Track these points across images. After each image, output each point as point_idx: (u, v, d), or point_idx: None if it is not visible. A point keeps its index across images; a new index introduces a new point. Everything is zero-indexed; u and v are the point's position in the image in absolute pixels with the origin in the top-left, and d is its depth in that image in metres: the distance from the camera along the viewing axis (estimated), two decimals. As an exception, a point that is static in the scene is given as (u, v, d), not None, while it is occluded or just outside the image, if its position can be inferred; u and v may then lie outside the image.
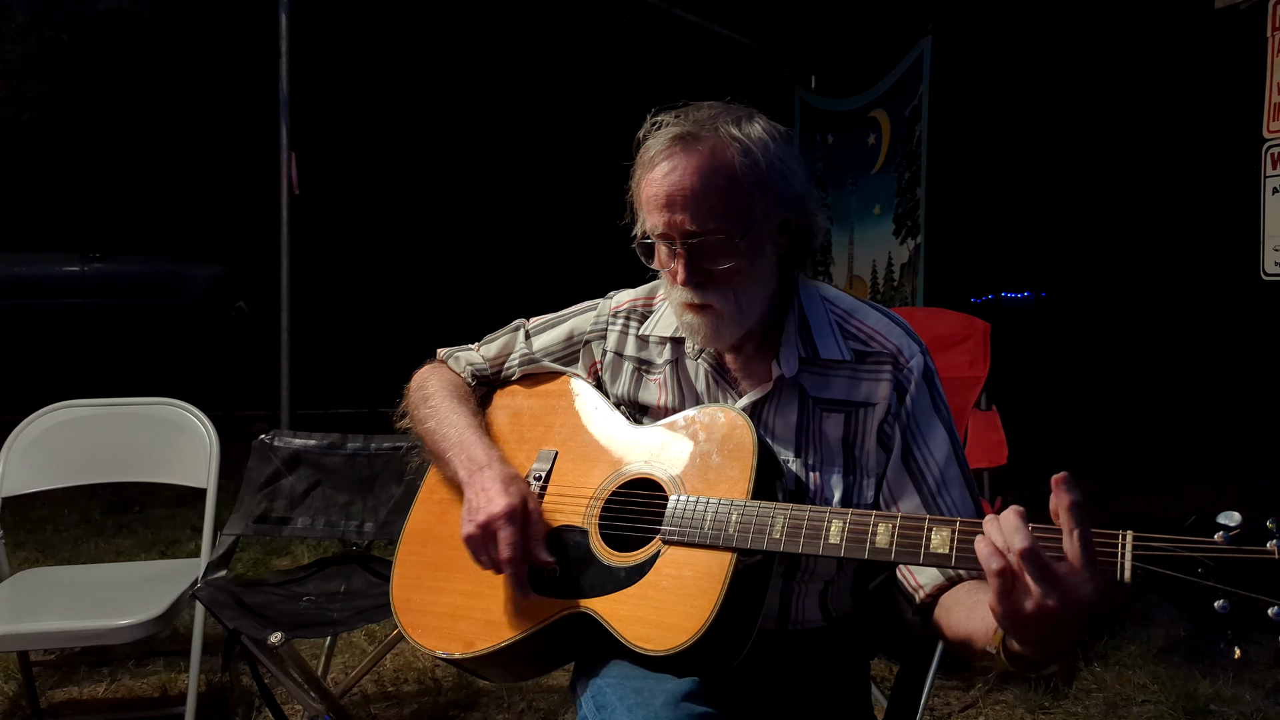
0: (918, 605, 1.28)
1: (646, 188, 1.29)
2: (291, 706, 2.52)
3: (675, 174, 1.25)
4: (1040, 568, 0.90)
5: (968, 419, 3.11)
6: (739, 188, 1.25)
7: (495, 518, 1.30)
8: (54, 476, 2.62)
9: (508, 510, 1.30)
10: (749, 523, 1.20)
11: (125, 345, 9.83)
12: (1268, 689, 2.73)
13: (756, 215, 1.27)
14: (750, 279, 1.29)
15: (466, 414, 1.51)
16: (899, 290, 4.94)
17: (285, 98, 4.30)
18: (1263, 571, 0.89)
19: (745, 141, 1.26)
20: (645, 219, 1.32)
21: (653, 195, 1.27)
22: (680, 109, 1.31)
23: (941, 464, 1.31)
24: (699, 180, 1.24)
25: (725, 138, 1.26)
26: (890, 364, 1.33)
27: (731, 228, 1.26)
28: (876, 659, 2.65)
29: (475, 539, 1.32)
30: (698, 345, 1.39)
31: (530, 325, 1.61)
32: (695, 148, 1.25)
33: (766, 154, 1.27)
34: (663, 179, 1.26)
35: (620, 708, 1.17)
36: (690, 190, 1.24)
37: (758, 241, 1.29)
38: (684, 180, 1.25)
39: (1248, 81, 2.94)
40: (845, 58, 5.43)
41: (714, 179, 1.25)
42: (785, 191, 1.30)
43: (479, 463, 1.39)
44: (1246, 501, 5.01)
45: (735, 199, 1.25)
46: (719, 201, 1.25)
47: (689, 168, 1.25)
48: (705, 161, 1.25)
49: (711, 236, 1.25)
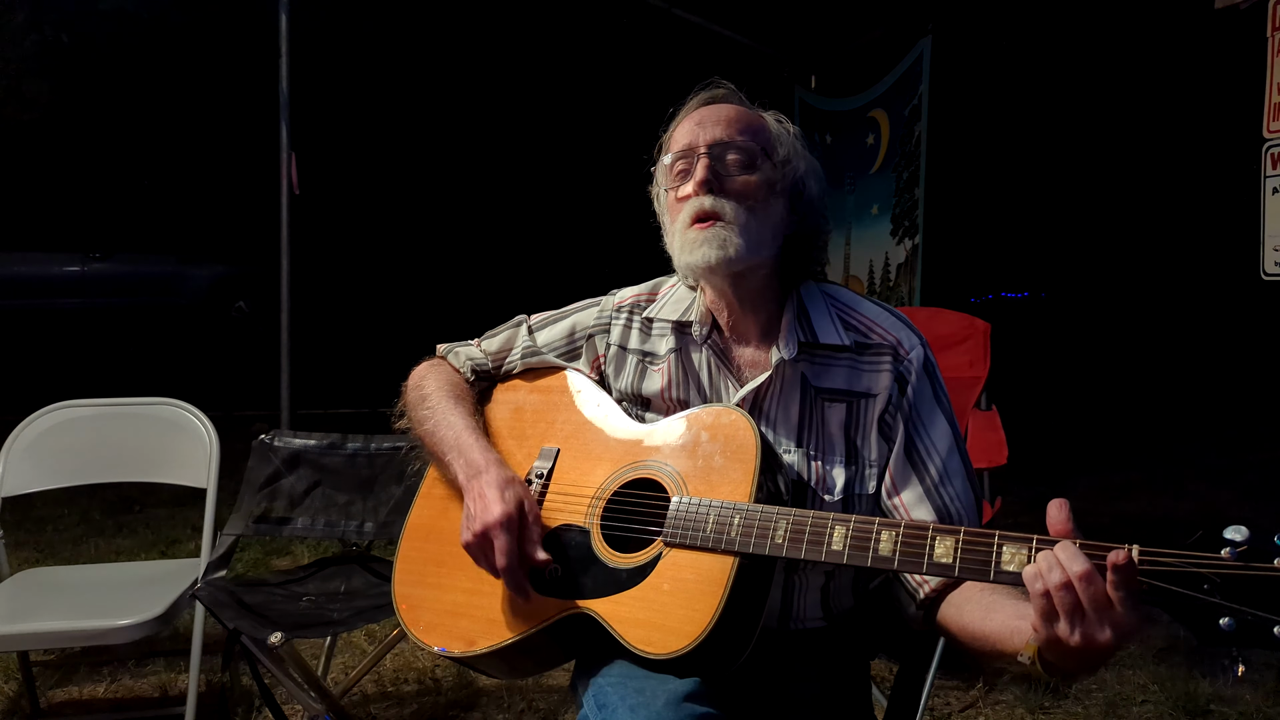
0: (921, 601, 1.28)
1: (680, 125, 1.41)
2: (291, 706, 2.52)
3: (713, 106, 1.40)
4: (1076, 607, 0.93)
5: (968, 419, 3.11)
6: (767, 133, 1.40)
7: (490, 525, 1.30)
8: (54, 476, 2.62)
9: (503, 518, 1.30)
10: (751, 526, 1.20)
11: (125, 345, 9.82)
12: (1268, 689, 2.73)
13: (778, 154, 1.39)
14: (761, 205, 1.35)
15: (464, 414, 1.50)
16: (896, 290, 4.93)
17: (285, 98, 4.30)
18: (1270, 589, 0.88)
19: (776, 116, 1.44)
20: (671, 150, 1.41)
21: (685, 121, 1.40)
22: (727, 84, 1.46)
23: (944, 455, 1.31)
24: (734, 111, 1.39)
25: (748, 103, 1.44)
26: (890, 355, 1.34)
27: (755, 149, 1.36)
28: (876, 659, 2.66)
29: (474, 547, 1.32)
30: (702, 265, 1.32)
31: (532, 321, 1.61)
32: (733, 101, 1.42)
33: (780, 123, 1.43)
34: (700, 110, 1.40)
35: (622, 707, 1.17)
36: (724, 115, 1.38)
37: (772, 181, 1.37)
38: (719, 110, 1.39)
39: (1248, 81, 2.94)
40: (845, 58, 5.43)
41: (748, 118, 1.40)
42: (797, 153, 1.41)
43: (476, 467, 1.39)
44: (1247, 502, 5.01)
45: (761, 132, 1.39)
46: (749, 125, 1.38)
47: (726, 107, 1.40)
48: (741, 111, 1.40)
49: (735, 149, 1.35)
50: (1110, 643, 0.93)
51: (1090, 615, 0.93)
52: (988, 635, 1.14)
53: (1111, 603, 0.93)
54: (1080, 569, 0.93)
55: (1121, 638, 0.93)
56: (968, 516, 1.30)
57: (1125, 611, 0.92)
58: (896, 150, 4.92)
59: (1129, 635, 0.93)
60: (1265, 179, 2.87)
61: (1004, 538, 1.04)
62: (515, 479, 1.38)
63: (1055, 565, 0.95)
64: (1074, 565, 0.94)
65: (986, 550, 1.05)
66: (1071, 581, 0.93)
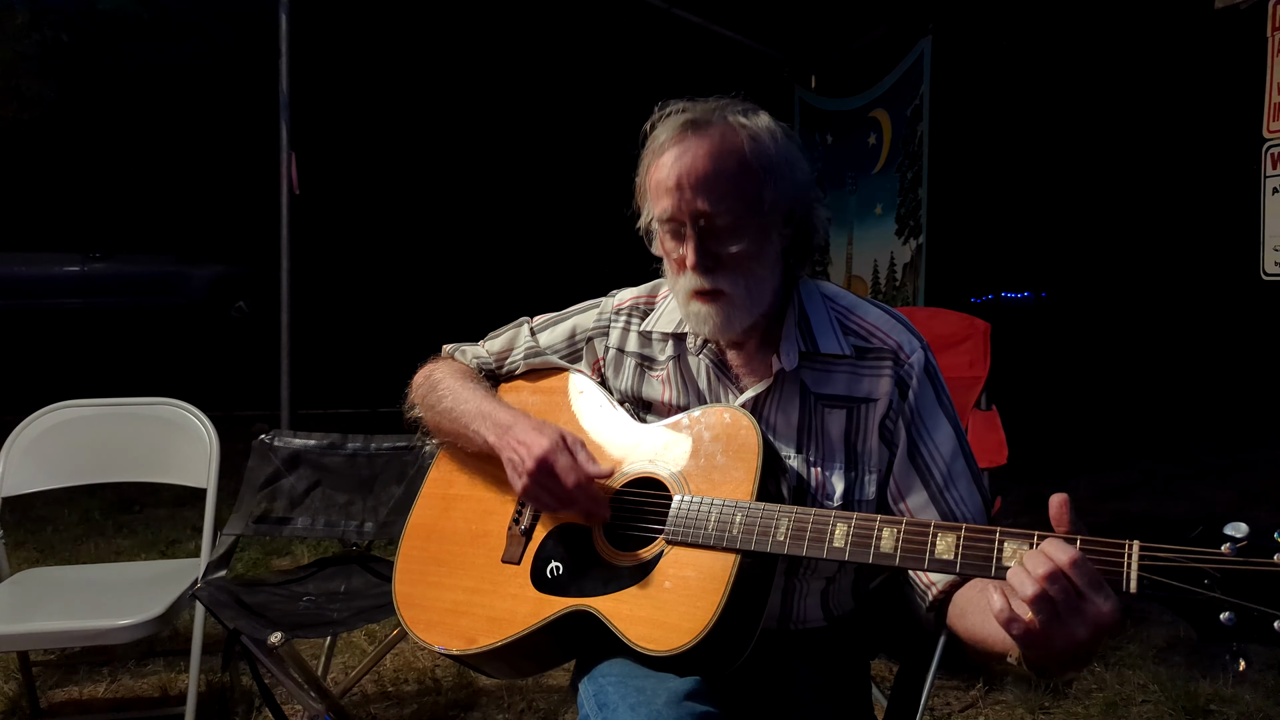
0: (931, 602, 1.28)
1: (656, 173, 1.30)
2: (291, 706, 2.52)
3: (687, 157, 1.26)
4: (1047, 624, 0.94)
5: (968, 419, 3.11)
6: (749, 171, 1.27)
7: (545, 455, 1.30)
8: (54, 476, 2.62)
9: (553, 443, 1.31)
10: (753, 524, 1.20)
11: (125, 345, 9.82)
12: (1268, 689, 2.73)
13: (765, 200, 1.29)
14: (759, 265, 1.30)
15: (483, 389, 1.53)
16: (901, 290, 4.94)
17: (285, 98, 4.30)
18: (1270, 584, 0.89)
19: (753, 128, 1.29)
20: (653, 205, 1.32)
21: (663, 179, 1.28)
22: (687, 100, 1.33)
23: (948, 458, 1.31)
24: (710, 163, 1.26)
25: (734, 124, 1.29)
26: (891, 360, 1.33)
27: (742, 210, 1.27)
28: (876, 659, 2.65)
29: (530, 488, 1.32)
30: (706, 336, 1.38)
31: (534, 323, 1.62)
32: (705, 132, 1.28)
33: (774, 142, 1.30)
34: (674, 163, 1.27)
35: (622, 706, 1.17)
36: (702, 172, 1.26)
37: (765, 228, 1.30)
38: (696, 163, 1.26)
39: (1248, 81, 2.94)
40: (845, 58, 5.43)
41: (725, 162, 1.26)
42: (791, 181, 1.31)
43: (505, 423, 1.40)
44: (1247, 502, 5.01)
45: (746, 182, 1.27)
46: (730, 184, 1.26)
47: (700, 151, 1.26)
48: (716, 145, 1.27)
49: (722, 218, 1.26)
50: (1088, 639, 0.93)
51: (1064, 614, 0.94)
52: (988, 637, 1.14)
53: (1081, 596, 0.93)
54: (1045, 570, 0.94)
55: (1099, 631, 0.93)
56: (975, 519, 1.30)
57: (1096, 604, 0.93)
58: (899, 150, 4.92)
59: (1105, 627, 0.93)
60: (1265, 179, 2.87)
61: (1005, 534, 1.04)
62: (549, 423, 1.39)
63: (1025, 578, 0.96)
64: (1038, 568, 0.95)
65: (988, 547, 1.05)
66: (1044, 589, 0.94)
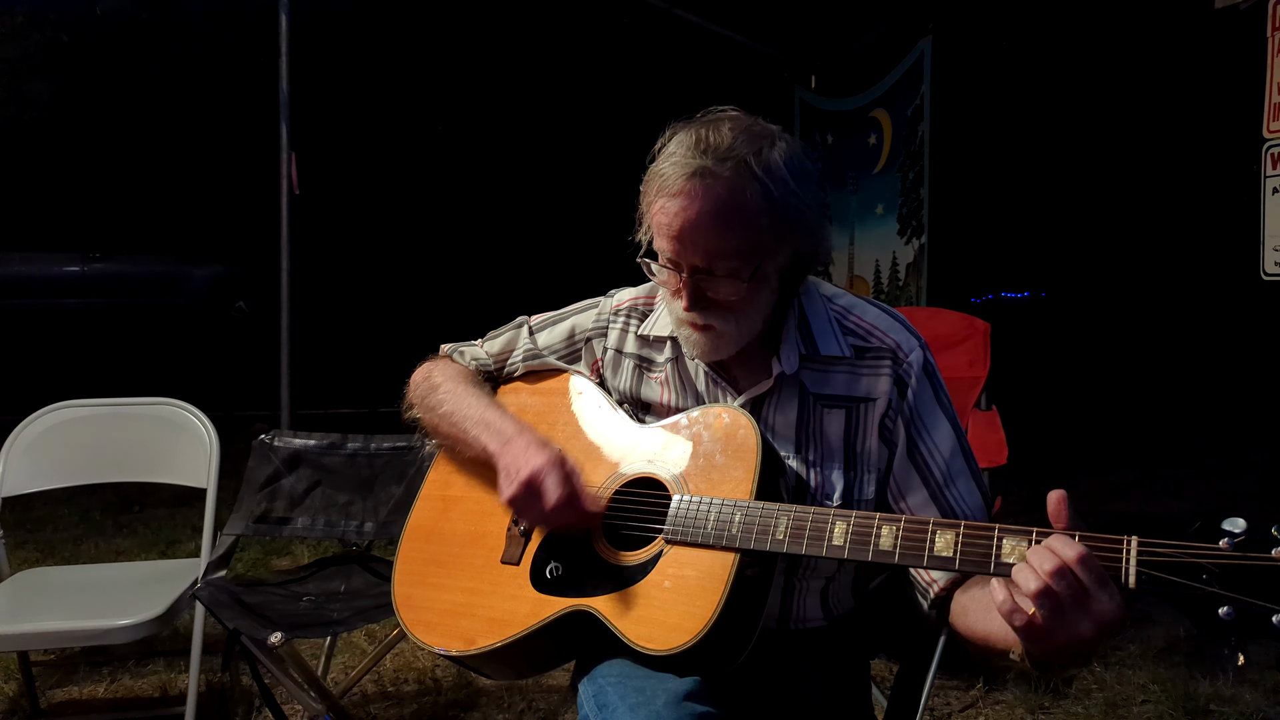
0: (933, 600, 1.29)
1: (660, 214, 1.25)
2: (291, 706, 2.52)
3: (691, 211, 1.22)
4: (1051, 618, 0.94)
5: (968, 419, 3.11)
6: (754, 228, 1.23)
7: (538, 471, 1.30)
8: (54, 476, 2.62)
9: (549, 461, 1.31)
10: (752, 523, 1.20)
11: (125, 345, 9.82)
12: (1268, 689, 2.73)
13: (767, 252, 1.26)
14: (752, 303, 1.29)
15: (485, 395, 1.52)
16: (904, 290, 4.94)
17: (285, 98, 4.31)
18: (1267, 579, 0.89)
19: (764, 179, 1.22)
20: (654, 237, 1.29)
21: (666, 224, 1.25)
22: (701, 124, 1.26)
23: (947, 457, 1.31)
24: (714, 222, 1.21)
25: (745, 175, 1.22)
26: (890, 359, 1.33)
27: (741, 267, 1.25)
28: (876, 659, 2.65)
29: (519, 498, 1.32)
30: (694, 358, 1.40)
31: (533, 322, 1.61)
32: (714, 188, 1.21)
33: (785, 189, 1.24)
34: (678, 213, 1.23)
35: (622, 707, 1.17)
36: (705, 230, 1.22)
37: (765, 270, 1.28)
38: (699, 220, 1.22)
39: (1248, 81, 2.94)
40: (845, 58, 5.43)
41: (730, 221, 1.22)
42: (800, 226, 1.27)
43: (508, 434, 1.40)
44: (1247, 502, 5.01)
45: (749, 240, 1.24)
46: (732, 244, 1.23)
47: (705, 208, 1.21)
48: (723, 202, 1.21)
49: (721, 271, 1.25)
50: (1092, 635, 0.93)
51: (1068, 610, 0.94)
52: (988, 635, 1.14)
53: (1086, 593, 0.94)
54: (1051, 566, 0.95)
55: (1102, 627, 0.93)
56: (975, 517, 1.30)
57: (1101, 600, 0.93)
58: (900, 150, 4.92)
59: (1109, 624, 0.93)
60: (1265, 179, 2.87)
61: (1004, 531, 1.05)
62: (551, 443, 1.38)
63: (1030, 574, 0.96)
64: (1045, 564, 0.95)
65: (987, 543, 1.05)
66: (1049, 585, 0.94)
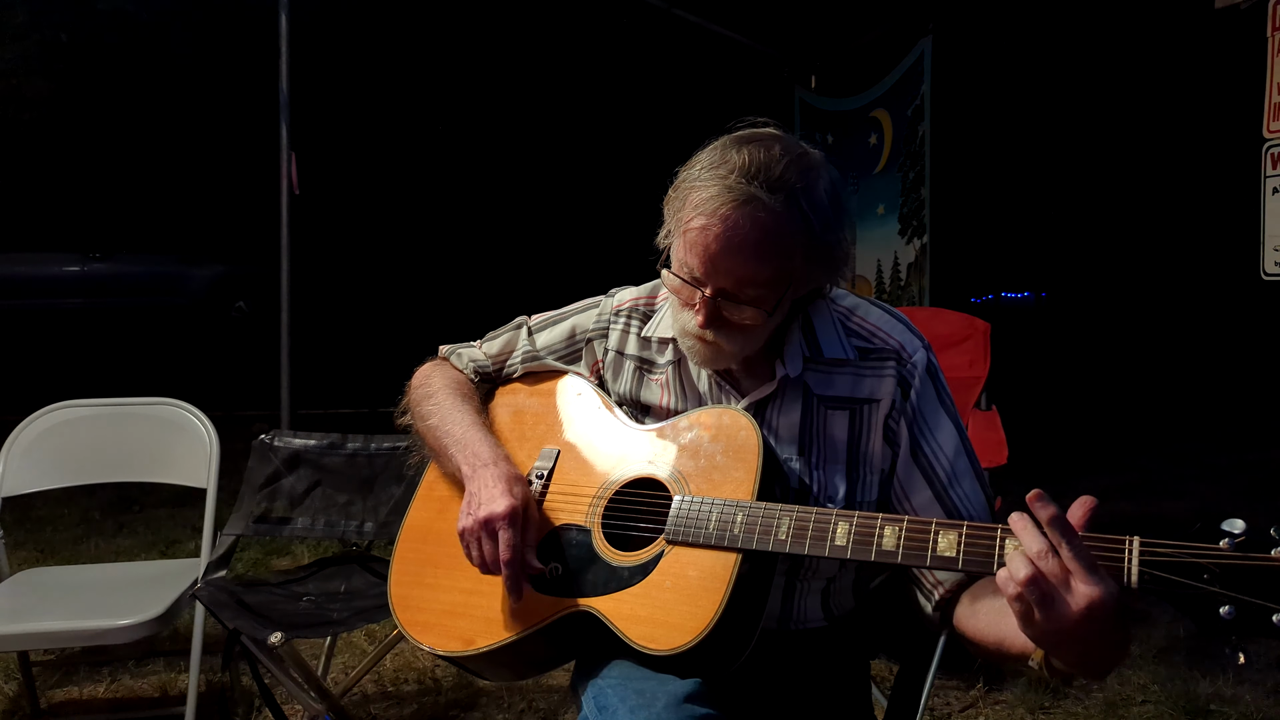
0: (937, 602, 1.28)
1: (690, 230, 1.22)
2: (291, 706, 2.52)
3: (734, 238, 1.19)
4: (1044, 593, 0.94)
5: (968, 419, 3.11)
6: (789, 261, 1.23)
7: (496, 517, 1.29)
8: (54, 476, 2.62)
9: (509, 511, 1.30)
10: (754, 524, 1.19)
11: (125, 345, 9.82)
12: (1268, 689, 2.73)
13: (794, 282, 1.27)
14: (763, 330, 1.29)
15: (470, 411, 1.51)
16: (906, 290, 4.94)
17: (285, 98, 4.31)
18: (1268, 578, 0.90)
19: (810, 215, 1.21)
20: (679, 249, 1.26)
21: (701, 244, 1.21)
22: (751, 144, 1.23)
23: (950, 457, 1.31)
24: (754, 252, 1.20)
25: (793, 209, 1.20)
26: (894, 360, 1.33)
27: (766, 296, 1.24)
28: (876, 659, 2.65)
29: (471, 533, 1.32)
30: (694, 364, 1.40)
31: (532, 322, 1.61)
32: (762, 220, 1.18)
33: (826, 225, 1.23)
34: (717, 236, 1.19)
35: (622, 708, 1.17)
36: (742, 260, 1.20)
37: (785, 304, 1.28)
38: (740, 250, 1.19)
39: (1248, 81, 2.94)
40: (845, 58, 5.43)
41: (768, 253, 1.20)
42: (830, 261, 1.28)
43: (483, 459, 1.39)
44: (1248, 501, 5.01)
45: (780, 271, 1.23)
46: (765, 274, 1.22)
47: (748, 238, 1.19)
48: (767, 233, 1.19)
49: (743, 297, 1.24)
50: (1081, 614, 0.92)
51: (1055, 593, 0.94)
52: (1001, 639, 1.13)
53: (1069, 573, 0.94)
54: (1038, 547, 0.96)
55: (1092, 608, 0.92)
56: (979, 517, 1.30)
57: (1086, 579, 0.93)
58: (901, 150, 4.92)
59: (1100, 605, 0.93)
60: (1265, 179, 2.87)
61: (1007, 531, 1.05)
62: (521, 477, 1.38)
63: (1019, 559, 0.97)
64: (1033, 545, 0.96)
65: (990, 544, 1.05)
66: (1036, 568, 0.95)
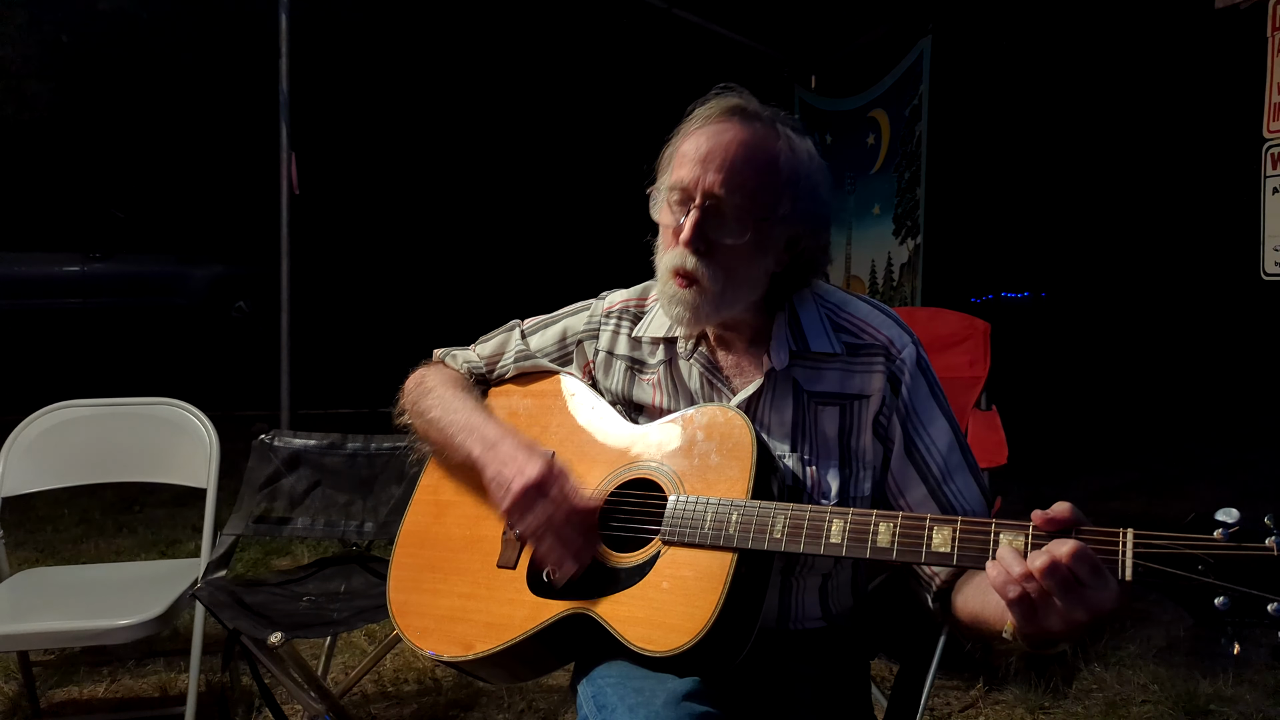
0: (935, 592, 1.29)
1: (687, 141, 1.31)
2: (291, 706, 2.52)
3: (724, 136, 1.28)
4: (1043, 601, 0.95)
5: (968, 419, 3.11)
6: (774, 175, 1.28)
7: (531, 482, 1.28)
8: (54, 476, 2.62)
9: (544, 468, 1.29)
10: (749, 522, 1.20)
11: (125, 345, 9.83)
12: (1268, 689, 2.73)
13: (777, 210, 1.29)
14: (745, 268, 1.30)
15: (472, 400, 1.51)
16: (899, 290, 4.94)
17: (285, 98, 4.31)
18: (1262, 568, 0.91)
19: (792, 142, 1.31)
20: (671, 171, 1.32)
21: (692, 149, 1.29)
22: (746, 93, 1.35)
23: (944, 452, 1.32)
24: (742, 150, 1.27)
25: (780, 131, 1.31)
26: (882, 356, 1.34)
27: (752, 206, 1.27)
28: (876, 659, 2.65)
29: (518, 506, 1.29)
30: (675, 321, 1.37)
31: (525, 325, 1.61)
32: (751, 124, 1.30)
33: (810, 165, 1.33)
34: (708, 138, 1.28)
35: (621, 707, 1.17)
36: (730, 156, 1.27)
37: (766, 239, 1.29)
38: (728, 145, 1.27)
39: (1248, 81, 2.94)
40: (845, 58, 5.43)
41: (757, 156, 1.28)
42: (809, 207, 1.32)
43: (493, 438, 1.39)
44: (1247, 500, 4.99)
45: (767, 183, 1.28)
46: (753, 178, 1.27)
47: (738, 137, 1.28)
48: (754, 138, 1.29)
49: (730, 205, 1.27)
50: (1086, 621, 0.95)
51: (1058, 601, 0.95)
52: (985, 618, 1.15)
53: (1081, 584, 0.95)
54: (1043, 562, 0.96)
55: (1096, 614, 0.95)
56: (974, 512, 1.30)
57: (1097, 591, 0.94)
58: (897, 150, 4.92)
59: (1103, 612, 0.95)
60: (1265, 179, 2.87)
61: (1001, 526, 1.05)
62: (536, 443, 1.38)
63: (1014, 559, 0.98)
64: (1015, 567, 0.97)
65: (984, 538, 1.06)
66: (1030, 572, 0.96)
